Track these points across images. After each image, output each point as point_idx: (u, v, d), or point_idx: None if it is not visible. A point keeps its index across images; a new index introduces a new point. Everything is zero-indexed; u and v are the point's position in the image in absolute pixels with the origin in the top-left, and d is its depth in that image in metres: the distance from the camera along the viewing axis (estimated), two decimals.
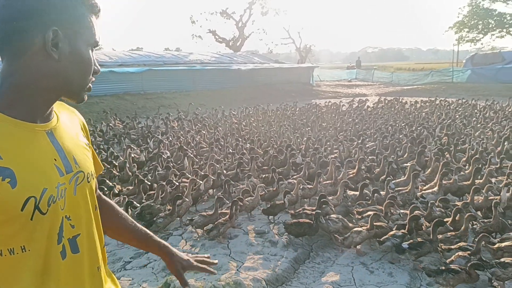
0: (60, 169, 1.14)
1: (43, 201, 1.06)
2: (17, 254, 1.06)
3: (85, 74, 1.17)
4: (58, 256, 1.13)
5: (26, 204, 1.04)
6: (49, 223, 1.09)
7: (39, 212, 1.06)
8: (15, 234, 1.05)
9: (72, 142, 1.24)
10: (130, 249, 4.66)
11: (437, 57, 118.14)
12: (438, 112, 13.21)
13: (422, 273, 3.99)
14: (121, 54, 21.56)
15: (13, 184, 1.02)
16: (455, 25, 36.75)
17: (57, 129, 1.20)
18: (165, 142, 8.88)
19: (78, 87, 1.18)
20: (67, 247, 1.15)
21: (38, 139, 1.13)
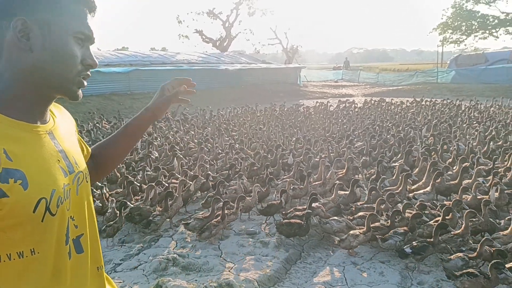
0: (64, 170, 1.13)
1: (53, 202, 1.05)
2: (26, 257, 1.03)
3: (65, 67, 1.09)
4: (66, 258, 1.12)
5: (38, 206, 1.02)
6: (58, 224, 1.09)
7: (49, 214, 1.05)
8: (25, 237, 1.03)
9: (69, 142, 1.24)
10: (120, 251, 4.61)
11: (421, 58, 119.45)
12: (424, 112, 13.37)
13: (413, 273, 4.03)
14: (106, 54, 21.35)
15: (25, 186, 1.00)
16: (439, 27, 37.25)
17: (56, 130, 1.19)
18: (154, 143, 8.81)
19: (60, 80, 1.10)
20: (72, 247, 1.14)
21: (42, 141, 1.11)
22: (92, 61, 1.15)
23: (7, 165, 0.99)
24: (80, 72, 1.13)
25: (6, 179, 0.98)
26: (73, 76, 1.11)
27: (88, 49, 1.15)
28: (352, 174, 6.23)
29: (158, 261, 4.12)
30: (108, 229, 4.71)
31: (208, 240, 4.74)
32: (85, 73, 1.15)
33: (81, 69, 1.13)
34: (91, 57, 1.15)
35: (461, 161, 6.34)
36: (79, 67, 1.12)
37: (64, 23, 1.08)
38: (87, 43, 1.14)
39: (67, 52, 1.08)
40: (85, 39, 1.13)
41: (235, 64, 25.73)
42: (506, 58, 26.16)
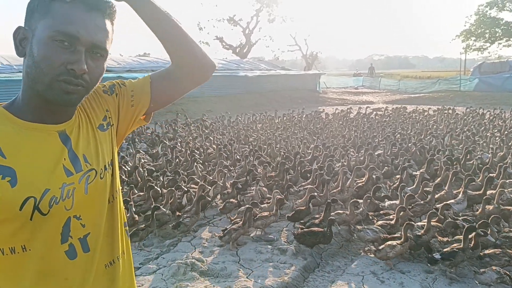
0: (69, 170, 1.14)
1: (44, 201, 1.07)
2: (18, 253, 1.07)
3: (40, 71, 1.06)
4: (63, 256, 1.13)
5: (25, 204, 1.04)
6: (51, 224, 1.10)
7: (39, 213, 1.06)
8: (15, 234, 1.06)
9: (85, 139, 1.23)
10: (139, 255, 4.66)
11: (443, 65, 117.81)
12: (446, 120, 13.15)
13: (433, 283, 3.95)
14: (129, 60, 21.67)
15: (13, 183, 1.04)
16: (462, 34, 36.70)
17: (72, 128, 1.20)
18: (175, 147, 8.92)
19: (39, 85, 1.08)
20: (77, 246, 1.15)
21: (47, 140, 1.14)
22: (76, 66, 1.07)
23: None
24: (59, 76, 1.06)
25: None
26: (49, 80, 1.06)
27: (78, 53, 1.08)
28: (372, 184, 6.14)
29: (177, 265, 4.15)
30: (142, 232, 4.79)
31: (227, 245, 4.75)
32: (67, 77, 1.07)
33: (60, 72, 1.06)
34: (78, 61, 1.07)
35: (484, 171, 6.21)
36: (57, 70, 1.06)
37: (45, 26, 1.07)
38: (79, 47, 1.08)
39: (41, 54, 1.06)
40: (69, 39, 1.06)
41: (255, 70, 25.82)
42: None
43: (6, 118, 1.11)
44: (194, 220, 5.16)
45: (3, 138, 1.07)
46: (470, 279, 3.98)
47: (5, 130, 1.09)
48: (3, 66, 15.82)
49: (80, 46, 1.08)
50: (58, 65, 1.06)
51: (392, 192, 5.95)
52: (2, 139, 1.07)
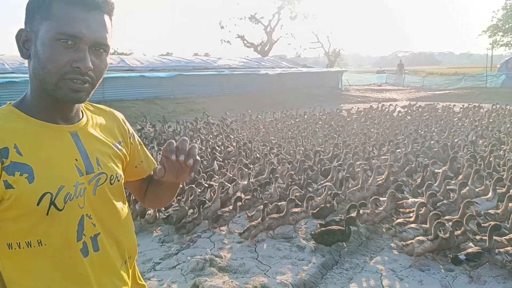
0: (80, 169, 1.19)
1: (59, 197, 1.11)
2: (34, 247, 1.12)
3: (47, 71, 1.10)
4: (77, 253, 1.17)
5: (42, 200, 1.09)
6: (66, 219, 1.14)
7: (55, 208, 1.11)
8: (32, 228, 1.11)
9: (99, 143, 1.28)
10: (159, 250, 4.75)
11: (470, 61, 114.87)
12: (471, 117, 12.85)
13: (453, 282, 3.90)
14: (151, 59, 22.01)
15: (31, 179, 1.09)
16: (489, 29, 35.64)
17: (84, 130, 1.25)
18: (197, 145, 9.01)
19: (46, 85, 1.12)
20: (89, 245, 1.19)
21: (61, 140, 1.19)
22: (81, 64, 1.10)
23: (16, 159, 1.09)
24: (65, 74, 1.10)
25: (13, 172, 1.07)
26: (56, 80, 1.10)
27: (82, 51, 1.11)
28: (392, 182, 6.08)
29: (196, 261, 4.22)
30: (188, 225, 4.96)
31: (245, 242, 4.80)
32: (73, 75, 1.11)
33: (66, 71, 1.10)
34: (83, 59, 1.10)
35: (508, 169, 6.06)
36: (63, 69, 1.10)
37: (48, 27, 1.10)
38: (82, 45, 1.11)
39: (46, 55, 1.10)
40: (73, 39, 1.09)
41: (276, 68, 25.79)
42: None
43: (19, 117, 1.16)
44: (232, 215, 5.26)
45: (19, 136, 1.12)
46: (491, 278, 3.91)
47: (20, 128, 1.14)
48: None
49: (83, 44, 1.11)
50: (63, 64, 1.09)
51: (414, 190, 5.87)
52: (18, 137, 1.12)
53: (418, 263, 4.22)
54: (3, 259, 1.13)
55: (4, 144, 1.09)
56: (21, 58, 7.73)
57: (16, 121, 1.15)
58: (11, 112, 1.17)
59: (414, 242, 4.17)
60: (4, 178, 1.07)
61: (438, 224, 4.15)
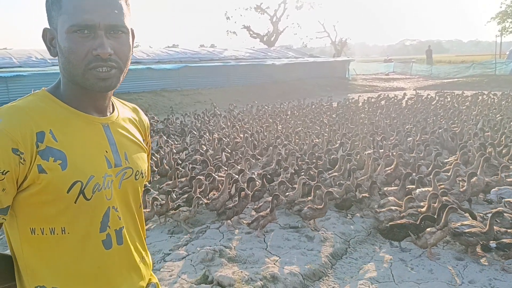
0: (110, 161, 1.19)
1: (89, 187, 1.12)
2: (57, 234, 1.12)
3: (71, 63, 1.11)
4: (99, 245, 1.17)
5: (73, 187, 1.09)
6: (92, 209, 1.14)
7: (83, 197, 1.11)
8: (58, 215, 1.11)
9: (127, 139, 1.29)
10: (169, 241, 4.78)
11: (478, 49, 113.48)
12: (480, 106, 12.71)
13: (464, 270, 3.88)
14: (158, 51, 22.00)
15: (64, 166, 1.09)
16: (497, 16, 35.08)
17: (115, 124, 1.26)
18: (204, 136, 9.05)
19: (75, 78, 1.14)
20: (113, 237, 1.20)
21: (93, 130, 1.19)
22: (100, 50, 1.09)
23: (51, 144, 1.09)
24: (89, 64, 1.10)
25: (47, 157, 1.07)
26: (82, 71, 1.11)
27: (99, 38, 1.10)
28: (401, 171, 6.04)
29: (205, 252, 4.23)
30: (228, 211, 5.02)
31: (254, 232, 4.81)
32: (96, 63, 1.11)
33: (89, 60, 1.10)
34: (101, 46, 1.09)
35: None
36: (85, 60, 1.10)
37: (62, 22, 1.10)
38: (98, 31, 1.10)
39: (67, 49, 1.11)
40: (86, 29, 1.09)
41: (282, 58, 25.67)
42: None
43: (55, 102, 1.17)
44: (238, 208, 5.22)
45: (54, 121, 1.12)
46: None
47: (55, 113, 1.14)
48: (37, 60, 16.36)
49: (99, 31, 1.10)
50: (84, 54, 1.09)
51: (421, 179, 5.82)
52: (54, 122, 1.12)
53: (432, 254, 4.18)
54: (24, 244, 1.13)
55: (41, 128, 1.09)
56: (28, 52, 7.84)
57: (52, 106, 1.15)
58: (46, 97, 1.17)
59: (426, 234, 4.13)
60: (38, 162, 1.06)
61: (450, 210, 4.08)
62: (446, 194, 4.94)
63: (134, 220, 1.30)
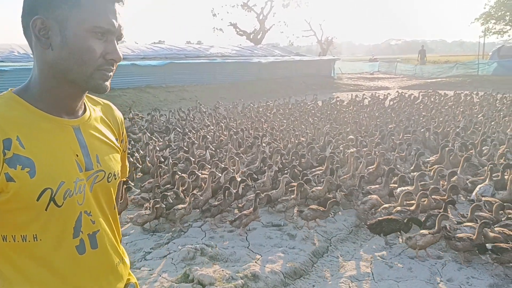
0: (80, 165, 1.16)
1: (59, 193, 1.09)
2: (28, 242, 1.09)
3: (83, 62, 1.09)
4: (73, 250, 1.15)
5: (42, 195, 1.07)
6: (64, 215, 1.12)
7: (54, 204, 1.09)
8: (29, 222, 1.08)
9: (99, 140, 1.25)
10: (150, 239, 4.75)
11: (462, 49, 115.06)
12: (462, 106, 12.90)
13: (442, 269, 3.94)
14: (143, 47, 21.75)
15: (32, 174, 1.06)
16: (481, 17, 35.62)
17: (86, 125, 1.22)
18: (189, 134, 9.00)
19: (79, 76, 1.11)
20: (86, 242, 1.17)
21: (63, 133, 1.16)
22: (115, 55, 1.13)
23: (18, 151, 1.05)
24: (100, 66, 1.11)
25: (14, 165, 1.04)
26: (92, 71, 1.11)
27: (111, 43, 1.12)
28: (383, 170, 6.10)
29: (187, 250, 4.22)
30: (213, 209, 4.99)
31: (236, 231, 4.80)
32: (107, 67, 1.13)
33: (101, 63, 1.11)
34: (115, 51, 1.12)
35: (499, 157, 6.11)
36: (98, 61, 1.11)
37: (80, 18, 1.07)
38: (111, 36, 1.12)
39: (83, 47, 1.08)
40: (106, 32, 1.10)
41: (269, 56, 25.65)
42: None
43: (22, 106, 1.11)
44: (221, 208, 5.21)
45: (21, 127, 1.08)
46: (480, 265, 3.95)
47: (22, 118, 1.10)
48: (19, 55, 16.05)
49: (112, 36, 1.13)
50: (98, 56, 1.10)
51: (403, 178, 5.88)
52: (21, 128, 1.08)
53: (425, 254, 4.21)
54: None
55: (7, 135, 1.05)
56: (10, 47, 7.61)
57: (18, 110, 1.10)
58: (13, 100, 1.12)
59: (417, 235, 4.14)
60: (6, 170, 1.04)
61: (442, 217, 4.11)
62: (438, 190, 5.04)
63: (109, 222, 1.28)
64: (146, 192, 5.95)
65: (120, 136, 1.42)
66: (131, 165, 6.59)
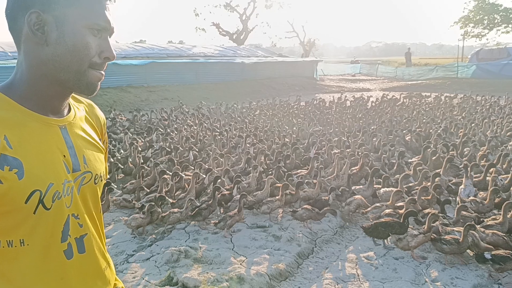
0: (68, 166, 1.11)
1: (48, 196, 1.04)
2: (15, 247, 1.03)
3: (79, 60, 1.06)
4: (61, 255, 1.10)
5: (31, 197, 1.01)
6: (53, 219, 1.07)
7: (43, 207, 1.04)
8: (16, 226, 1.03)
9: (85, 140, 1.21)
10: (133, 242, 4.65)
11: (441, 52, 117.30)
12: (443, 108, 13.11)
13: (427, 270, 3.96)
14: (124, 47, 21.47)
15: (20, 175, 1.00)
16: (460, 20, 36.40)
17: (72, 125, 1.18)
18: (171, 134, 8.89)
19: (73, 74, 1.07)
20: (74, 246, 1.13)
21: (50, 133, 1.10)
22: (110, 54, 1.11)
23: (6, 151, 1.00)
24: (94, 64, 1.09)
25: (2, 166, 0.98)
26: (86, 68, 1.08)
27: (106, 41, 1.10)
28: (367, 170, 6.13)
29: (170, 252, 4.14)
30: (204, 211, 4.87)
31: (221, 232, 4.75)
32: (100, 65, 1.11)
33: (95, 61, 1.09)
34: (109, 49, 1.10)
35: (480, 158, 6.20)
36: (93, 59, 1.08)
37: (78, 15, 1.05)
38: (105, 34, 1.10)
39: (80, 44, 1.06)
40: (102, 30, 1.09)
41: (252, 57, 25.65)
42: None
43: (8, 104, 1.06)
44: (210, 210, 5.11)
45: (8, 126, 1.02)
46: (464, 266, 3.98)
47: (9, 117, 1.04)
48: None
49: (106, 34, 1.11)
50: (94, 53, 1.07)
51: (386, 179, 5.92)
52: (8, 127, 1.02)
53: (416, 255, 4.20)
54: None
55: None
56: None
57: (4, 109, 1.04)
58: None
59: (408, 237, 4.14)
60: None
61: (432, 217, 4.12)
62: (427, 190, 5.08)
63: (96, 225, 1.23)
64: (128, 193, 5.84)
65: (103, 136, 1.37)
66: (112, 166, 6.47)
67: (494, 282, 3.69)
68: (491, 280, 3.71)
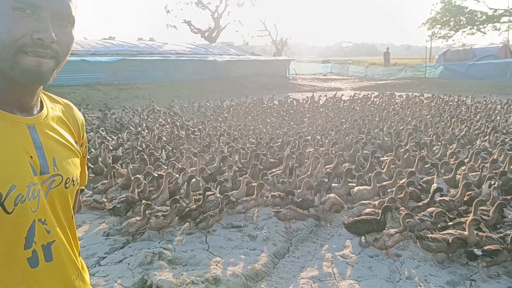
0: (35, 168, 1.02)
1: (10, 198, 0.95)
2: None
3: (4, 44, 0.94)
4: (24, 263, 1.01)
5: None
6: (15, 224, 0.98)
7: (4, 210, 0.95)
8: None
9: (57, 142, 1.12)
10: (104, 244, 4.51)
11: (409, 52, 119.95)
12: (412, 107, 13.39)
13: (401, 267, 4.00)
14: (93, 43, 20.91)
15: None
16: (428, 21, 37.30)
17: (43, 124, 1.08)
18: (142, 133, 8.71)
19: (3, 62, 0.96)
20: (40, 254, 1.04)
21: (16, 132, 1.01)
22: (43, 34, 0.95)
23: None
24: (24, 47, 0.95)
25: None
26: (14, 53, 0.95)
27: (42, 21, 0.96)
28: (341, 169, 6.18)
29: (144, 254, 4.03)
30: (194, 212, 4.74)
31: (196, 233, 4.66)
32: (35, 48, 0.96)
33: (25, 43, 0.95)
34: (44, 29, 0.96)
35: (450, 156, 6.35)
36: (21, 41, 0.94)
37: None
38: (43, 13, 0.96)
39: (2, 27, 0.94)
40: (33, 8, 0.95)
41: (224, 55, 25.51)
42: (493, 54, 26.38)
43: None
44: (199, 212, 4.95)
45: None
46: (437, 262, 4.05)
47: None
48: None
49: (45, 13, 0.96)
50: (21, 35, 0.94)
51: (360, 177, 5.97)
52: None
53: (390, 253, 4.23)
54: None
55: None
56: None
57: None
58: None
59: (384, 236, 4.17)
60: None
61: (406, 216, 4.16)
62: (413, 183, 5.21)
63: (66, 232, 1.14)
64: (99, 194, 5.67)
65: (80, 139, 1.28)
66: None
67: (466, 278, 3.76)
68: (464, 276, 3.78)
